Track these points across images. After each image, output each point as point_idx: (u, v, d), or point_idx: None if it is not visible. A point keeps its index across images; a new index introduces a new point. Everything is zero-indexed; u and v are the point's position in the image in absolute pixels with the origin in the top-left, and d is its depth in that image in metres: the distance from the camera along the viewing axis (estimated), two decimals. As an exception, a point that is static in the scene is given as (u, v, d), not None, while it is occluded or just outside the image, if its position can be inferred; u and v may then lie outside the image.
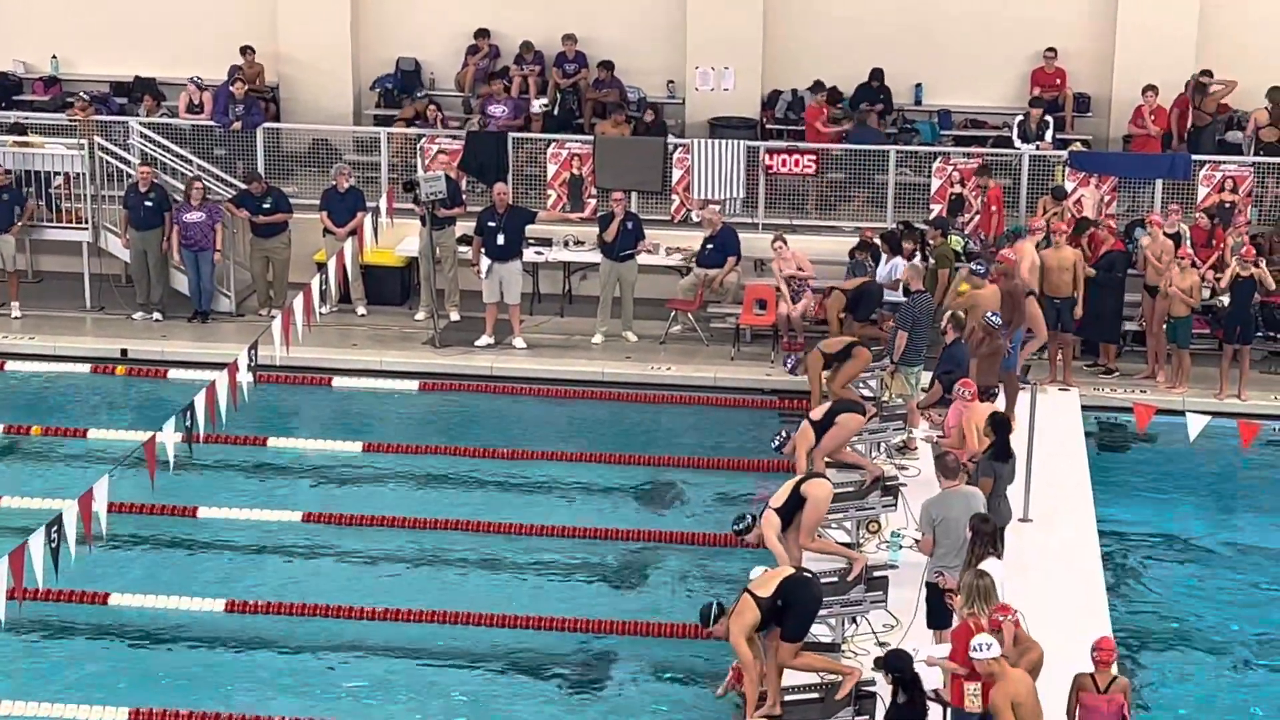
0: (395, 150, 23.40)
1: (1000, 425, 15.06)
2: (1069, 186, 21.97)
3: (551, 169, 23.09)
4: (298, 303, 18.10)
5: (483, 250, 21.41)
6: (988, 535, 13.19)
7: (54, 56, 25.26)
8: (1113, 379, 20.54)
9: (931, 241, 20.56)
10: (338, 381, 20.67)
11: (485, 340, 21.35)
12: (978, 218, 21.94)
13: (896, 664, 11.82)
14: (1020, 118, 22.87)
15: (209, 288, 21.98)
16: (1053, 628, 13.46)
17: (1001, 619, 11.97)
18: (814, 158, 22.61)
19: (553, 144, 23.20)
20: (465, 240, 22.16)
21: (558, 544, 16.81)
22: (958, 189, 22.18)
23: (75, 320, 22.08)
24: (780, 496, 14.27)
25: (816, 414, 16.05)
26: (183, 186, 22.04)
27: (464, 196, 22.41)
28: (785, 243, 21.20)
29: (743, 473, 18.38)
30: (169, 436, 15.64)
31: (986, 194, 21.74)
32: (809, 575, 12.95)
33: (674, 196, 22.98)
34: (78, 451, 18.73)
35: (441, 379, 20.74)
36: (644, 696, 14.42)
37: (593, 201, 23.02)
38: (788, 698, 12.69)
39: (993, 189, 21.74)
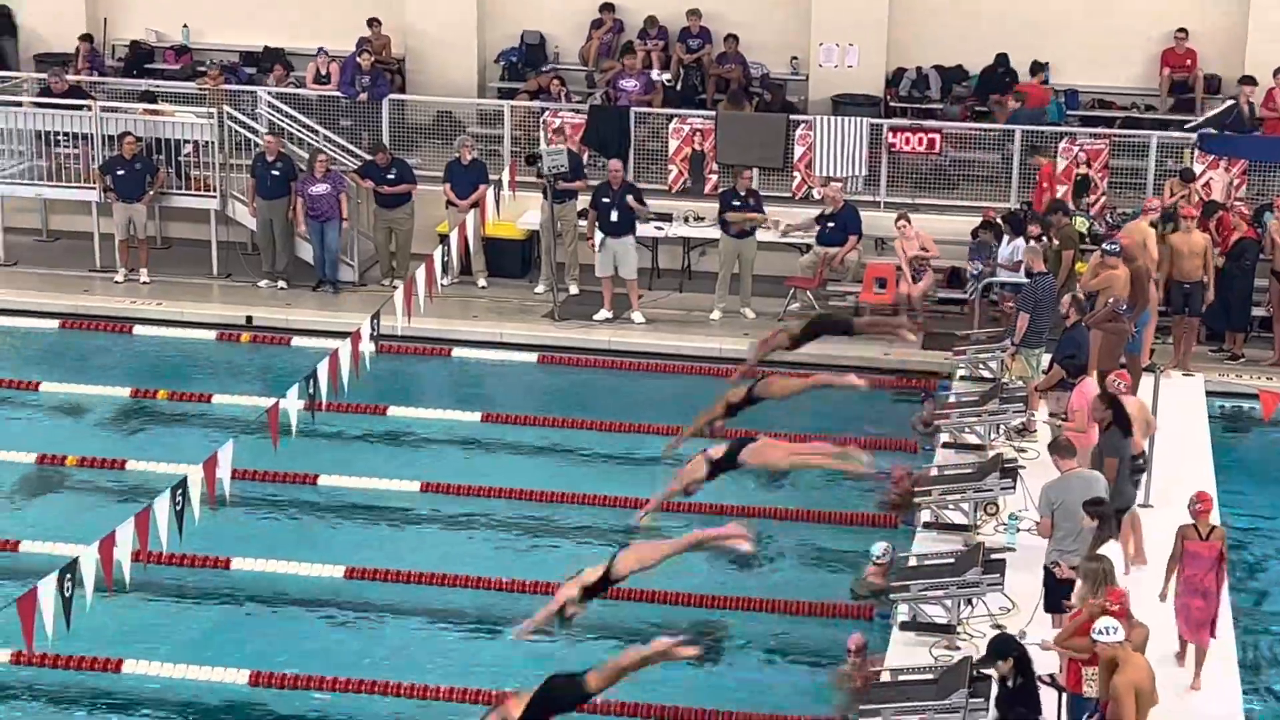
0: (518, 123, 23.51)
1: (1113, 401, 14.90)
2: (1197, 169, 21.66)
3: (673, 145, 23.10)
4: (420, 274, 18.25)
5: (597, 225, 21.47)
6: (1107, 518, 13.13)
7: (185, 26, 25.63)
8: (1238, 365, 20.25)
9: (1055, 223, 20.35)
10: (457, 352, 20.84)
11: (603, 314, 21.42)
12: (1103, 199, 21.73)
13: (1008, 648, 11.74)
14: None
15: (334, 258, 22.23)
16: (1169, 613, 13.37)
17: (1115, 605, 11.87)
18: (937, 136, 22.46)
19: (675, 119, 23.21)
20: (584, 214, 22.24)
21: (672, 519, 16.82)
22: (1084, 170, 21.94)
23: (202, 287, 22.41)
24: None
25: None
26: (308, 156, 22.28)
27: (586, 171, 22.48)
28: (909, 221, 21.09)
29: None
30: (292, 403, 15.85)
31: (1038, 172, 21.59)
32: None
33: (795, 173, 22.92)
34: (202, 416, 19.03)
35: (560, 352, 20.85)
36: (761, 671, 14.42)
37: (713, 178, 23.01)
38: (901, 677, 12.66)
39: (1045, 166, 21.59)
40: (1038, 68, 23.51)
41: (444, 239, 19.93)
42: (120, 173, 22.16)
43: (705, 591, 15.44)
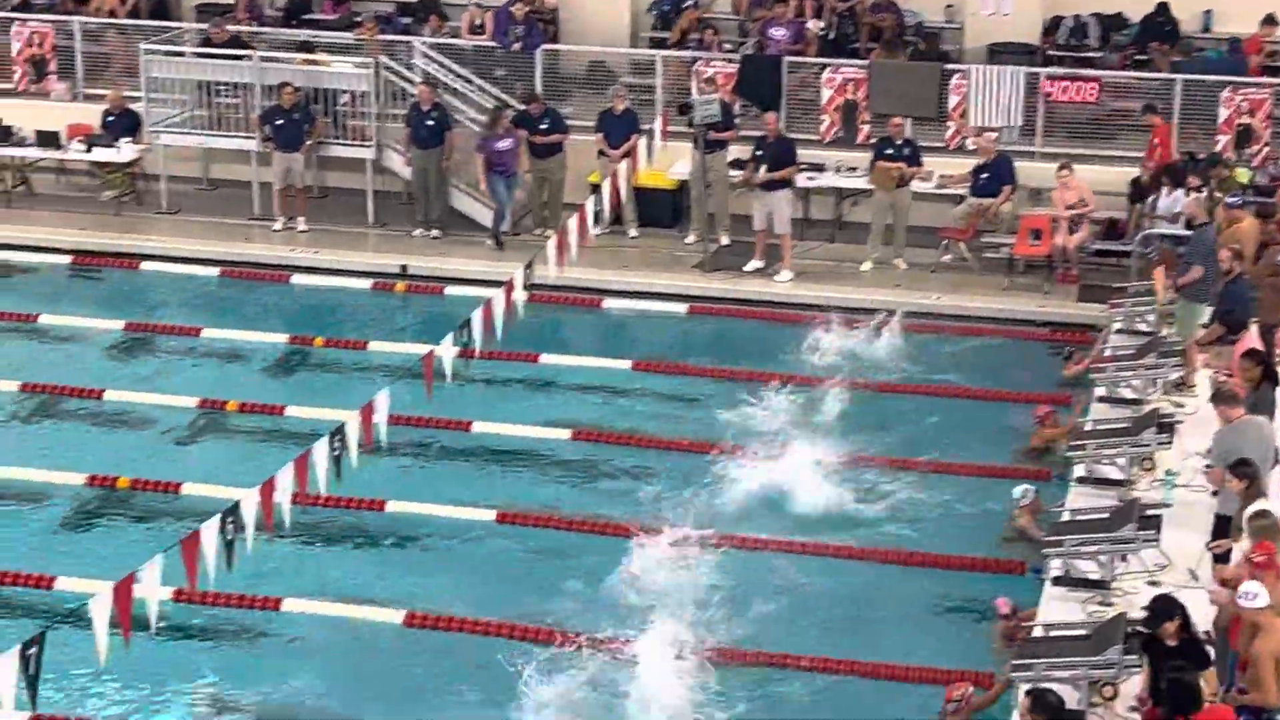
0: (670, 73, 23.49)
1: (1262, 359, 14.67)
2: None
3: (825, 94, 22.96)
4: (572, 223, 18.36)
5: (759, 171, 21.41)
6: (1255, 477, 12.95)
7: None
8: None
9: (1215, 175, 19.98)
10: (608, 302, 20.94)
11: (754, 265, 21.38)
12: (1266, 149, 21.28)
13: (1172, 609, 11.61)
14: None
15: (510, 211, 22.28)
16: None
17: (1261, 557, 11.69)
18: (1096, 86, 22.10)
19: (827, 69, 23.06)
20: (737, 164, 22.20)
21: (818, 469, 16.81)
22: (1246, 119, 21.49)
23: (358, 236, 22.69)
24: None
25: None
26: (490, 112, 22.32)
27: (737, 120, 22.42)
28: (1071, 171, 20.80)
29: (1010, 404, 18.15)
30: (446, 351, 16.04)
31: (1152, 131, 21.14)
32: None
33: (950, 124, 22.68)
34: (358, 363, 19.32)
35: (710, 302, 20.86)
36: (916, 627, 14.40)
37: (866, 128, 22.84)
38: (1054, 633, 12.58)
39: (1159, 125, 21.10)
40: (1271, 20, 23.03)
41: (596, 189, 20.01)
42: (279, 122, 22.49)
43: (864, 545, 15.42)
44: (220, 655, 13.83)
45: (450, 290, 21.07)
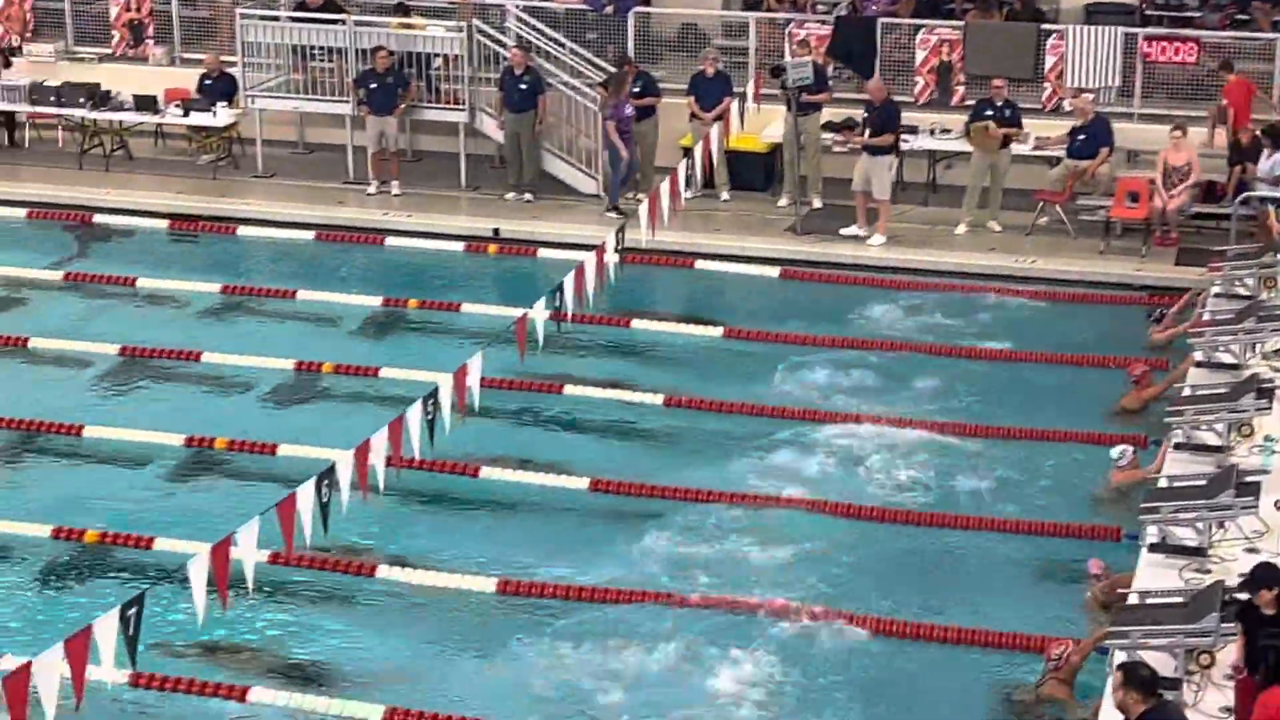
0: (763, 35, 23.38)
1: None
2: None
3: (920, 55, 22.78)
4: (663, 187, 18.33)
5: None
6: None
7: (437, -60, 25.97)
8: None
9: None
10: (700, 265, 20.91)
11: (852, 230, 21.27)
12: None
13: (1272, 577, 11.45)
14: None
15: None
16: None
17: None
18: (1195, 46, 21.79)
19: (922, 30, 22.86)
20: (830, 127, 22.09)
21: (911, 436, 16.77)
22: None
23: (451, 199, 22.79)
24: None
25: None
26: (614, 74, 22.30)
27: (830, 83, 22.29)
28: (1185, 133, 20.50)
29: (1106, 370, 17.98)
30: (539, 314, 16.08)
31: (1221, 90, 20.77)
32: None
33: (1046, 84, 22.44)
34: (451, 326, 19.41)
35: (802, 266, 20.79)
36: (1014, 592, 14.34)
37: (961, 89, 22.65)
38: (1149, 601, 12.46)
39: (1233, 82, 20.73)
40: None
41: (688, 152, 19.97)
42: (373, 86, 22.60)
43: (960, 512, 15.34)
44: (314, 619, 13.95)
45: (542, 254, 21.14)
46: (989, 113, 21.15)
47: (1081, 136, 21.09)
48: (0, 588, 14.23)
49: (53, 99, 23.73)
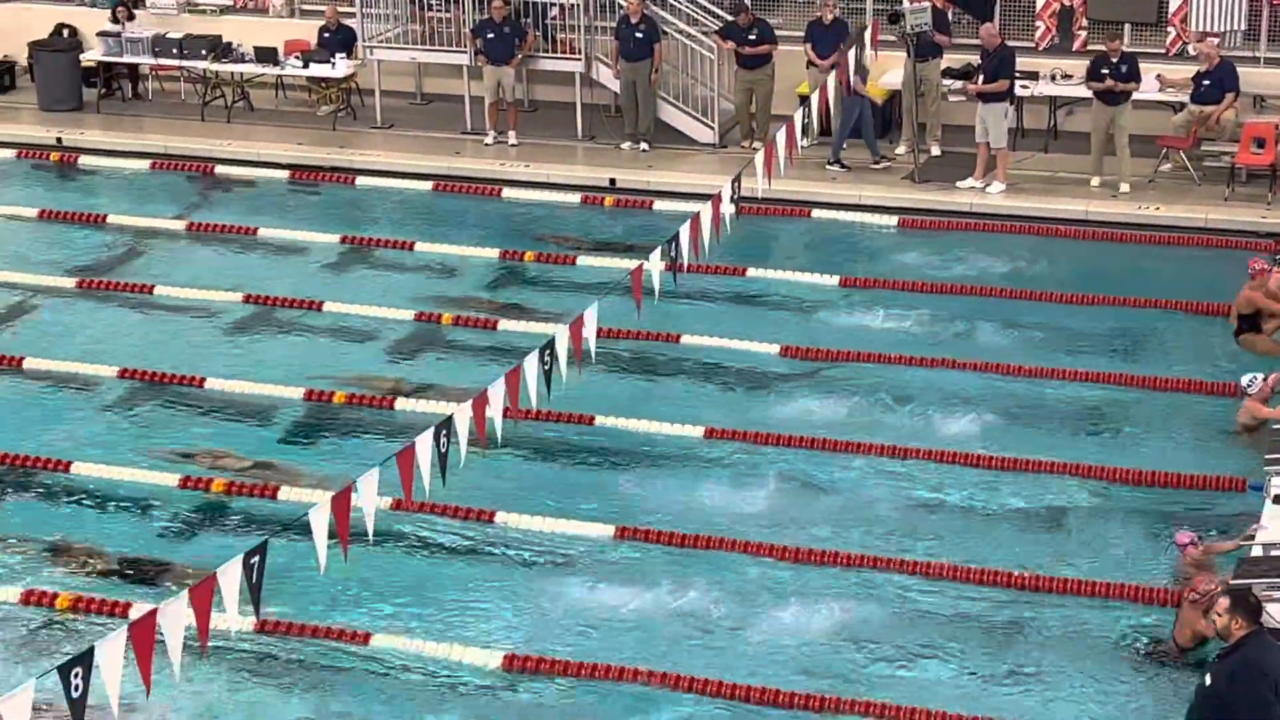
0: (880, -20, 23.17)
1: None
2: None
3: (1040, 0, 22.47)
4: (780, 135, 18.24)
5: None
6: None
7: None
8: None
9: None
10: (816, 214, 20.82)
11: (968, 183, 21.04)
12: None
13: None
14: None
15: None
16: None
17: None
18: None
19: (1043, -27, 22.57)
20: (950, 73, 21.86)
21: (1034, 385, 16.65)
22: None
23: (567, 149, 22.82)
24: None
25: None
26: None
27: (950, 29, 22.04)
28: None
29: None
30: (654, 264, 16.09)
31: None
32: None
33: (1170, 29, 22.05)
34: (568, 277, 19.48)
35: (920, 214, 20.64)
36: (1139, 544, 14.21)
37: (1083, 34, 22.31)
38: (1274, 552, 12.32)
39: None
40: None
41: (804, 100, 19.84)
42: (490, 36, 22.66)
43: (1083, 462, 15.22)
44: (433, 568, 14.12)
45: (658, 203, 21.13)
46: (1105, 70, 20.76)
47: (1206, 82, 20.70)
48: (128, 536, 14.51)
49: (175, 51, 24.03)
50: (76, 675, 9.56)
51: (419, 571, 14.00)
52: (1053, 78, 21.95)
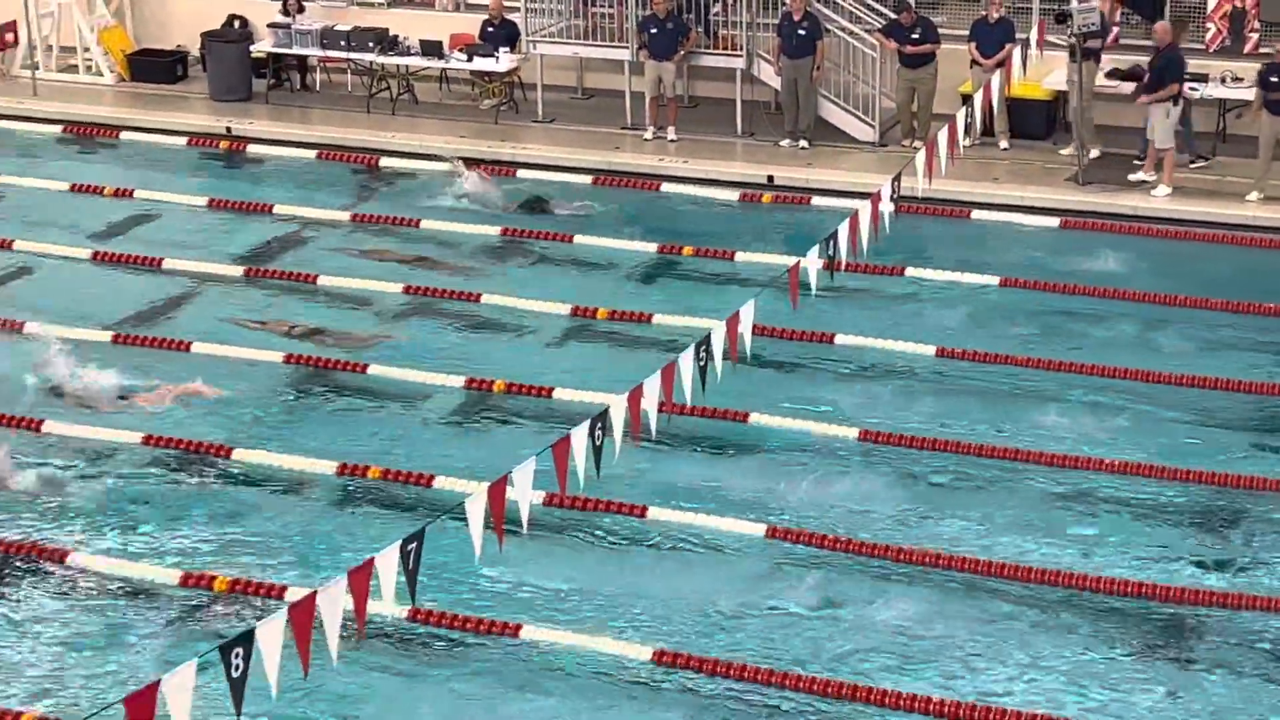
0: (1047, -20, 22.89)
1: None
2: None
3: (1212, 1, 22.06)
4: (941, 135, 18.09)
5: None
6: None
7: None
8: None
9: None
10: (977, 215, 20.63)
11: (1139, 175, 20.74)
12: None
13: None
14: None
15: None
16: None
17: None
18: None
19: (1215, -26, 22.17)
20: (1116, 74, 21.56)
21: (1189, 395, 16.39)
22: None
23: (726, 145, 22.82)
24: None
25: None
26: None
27: (1116, 29, 21.73)
28: None
29: None
30: (812, 262, 16.04)
31: None
32: None
33: (1346, 32, 21.59)
34: (724, 273, 19.50)
35: (1084, 217, 20.37)
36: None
37: (1255, 36, 21.87)
38: None
39: None
40: None
41: (967, 99, 19.67)
42: (653, 31, 22.73)
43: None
44: (584, 561, 14.22)
45: (817, 201, 21.08)
46: (1274, 79, 20.29)
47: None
48: (288, 521, 14.80)
49: (343, 44, 24.40)
50: (237, 655, 9.78)
51: (570, 564, 14.12)
52: (1223, 80, 21.54)
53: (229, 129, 23.91)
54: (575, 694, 12.57)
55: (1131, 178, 20.71)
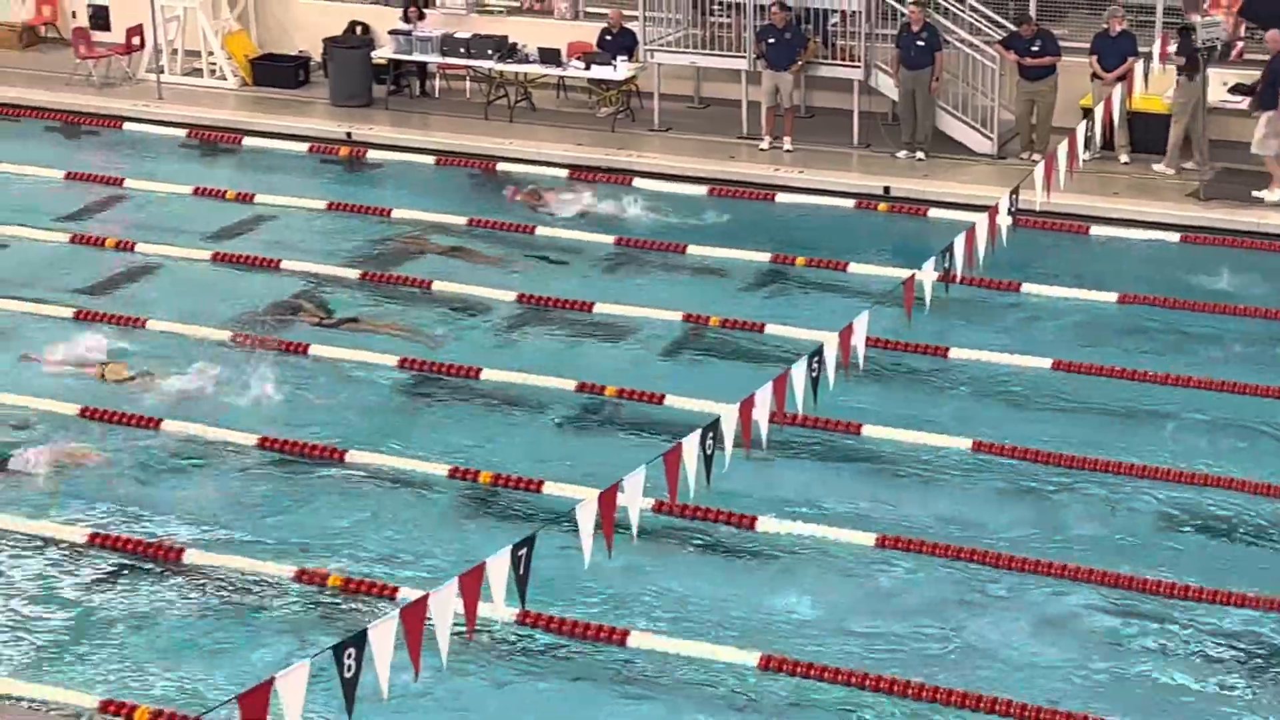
0: (1171, -7, 22.63)
1: None
2: None
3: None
4: (1061, 148, 17.92)
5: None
6: None
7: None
8: None
9: None
10: (1095, 230, 20.42)
11: (1265, 193, 20.46)
12: None
13: None
14: None
15: None
16: None
17: None
18: None
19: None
20: (1239, 89, 21.26)
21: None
22: None
23: (842, 156, 22.75)
24: None
25: None
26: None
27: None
28: None
29: None
30: (927, 275, 15.94)
31: None
32: None
33: None
34: (839, 284, 19.44)
35: (1206, 233, 20.11)
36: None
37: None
38: None
39: None
40: None
41: (1087, 113, 19.48)
42: (771, 41, 22.72)
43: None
44: (693, 569, 14.22)
45: (933, 213, 20.96)
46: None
47: None
48: (401, 523, 14.93)
49: (462, 51, 24.58)
50: (349, 656, 9.87)
51: (679, 571, 14.13)
52: (1348, 93, 21.19)
53: (349, 134, 24.16)
54: (682, 702, 12.57)
55: (1255, 194, 20.41)
